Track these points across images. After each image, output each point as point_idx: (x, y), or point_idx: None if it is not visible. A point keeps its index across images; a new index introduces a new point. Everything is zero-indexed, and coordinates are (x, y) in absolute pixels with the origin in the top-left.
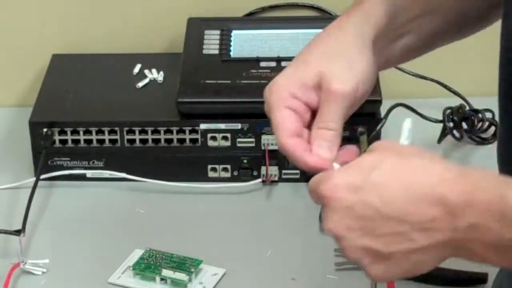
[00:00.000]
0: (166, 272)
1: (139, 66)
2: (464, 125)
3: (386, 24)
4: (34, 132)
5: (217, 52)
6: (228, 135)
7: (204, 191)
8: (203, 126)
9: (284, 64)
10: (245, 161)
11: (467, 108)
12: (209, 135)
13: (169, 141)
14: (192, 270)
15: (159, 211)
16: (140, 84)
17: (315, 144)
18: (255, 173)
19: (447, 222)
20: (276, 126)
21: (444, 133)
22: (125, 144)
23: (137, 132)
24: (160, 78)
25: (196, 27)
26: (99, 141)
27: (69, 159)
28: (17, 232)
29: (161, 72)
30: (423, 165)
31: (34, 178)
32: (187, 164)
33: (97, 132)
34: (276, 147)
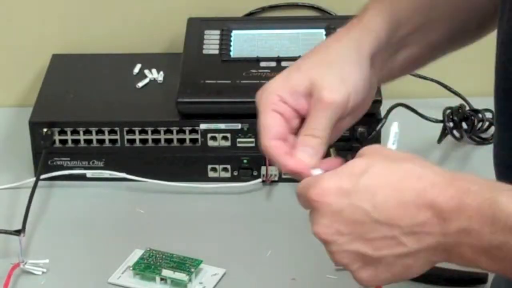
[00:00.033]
0: (166, 272)
1: (139, 66)
2: (464, 125)
3: (387, 39)
4: (34, 132)
5: (217, 52)
6: (228, 135)
7: (204, 191)
8: (203, 126)
9: (284, 64)
10: (245, 161)
11: (467, 108)
12: (209, 135)
13: (169, 141)
14: (192, 270)
15: (159, 211)
16: (140, 84)
17: (298, 149)
18: (255, 173)
19: (438, 226)
20: (261, 128)
21: (444, 133)
22: (125, 144)
23: (137, 132)
24: (160, 78)
25: (196, 27)
26: (99, 141)
27: (69, 159)
28: (17, 232)
29: (161, 72)
30: (413, 170)
31: (34, 178)
32: (187, 164)
33: (97, 132)
34: None
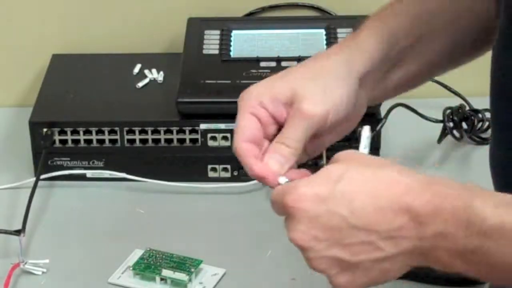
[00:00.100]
0: (166, 272)
1: (139, 66)
2: (464, 125)
3: (380, 59)
4: (34, 132)
5: (217, 52)
6: (228, 135)
7: (204, 191)
8: (203, 126)
9: (284, 64)
10: None
11: (467, 108)
12: (209, 135)
13: (169, 141)
14: (192, 270)
15: (159, 211)
16: (140, 84)
17: (268, 155)
18: None
19: (414, 231)
20: (236, 130)
21: (444, 133)
22: (125, 144)
23: (137, 132)
24: (160, 78)
25: (196, 27)
26: (99, 141)
27: (69, 159)
28: (17, 232)
29: (161, 72)
30: (389, 175)
31: (34, 178)
32: (187, 164)
33: (97, 132)
34: None
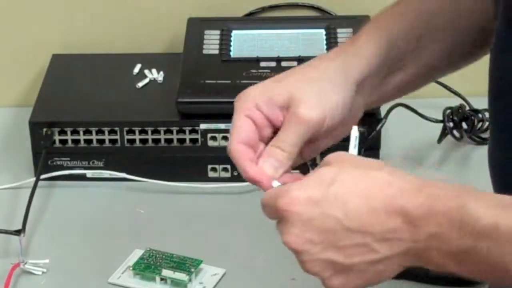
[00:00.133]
0: (166, 272)
1: (139, 66)
2: (464, 125)
3: (378, 64)
4: (34, 132)
5: (217, 52)
6: (228, 135)
7: (204, 191)
8: (203, 126)
9: (284, 64)
10: None
11: (467, 108)
12: (209, 135)
13: (169, 141)
14: (192, 270)
15: (159, 211)
16: (140, 84)
17: (262, 159)
18: None
19: (408, 233)
20: (232, 131)
21: (444, 133)
22: (125, 144)
23: (137, 132)
24: (160, 78)
25: (196, 27)
26: (99, 141)
27: (69, 159)
28: (17, 232)
29: (161, 72)
30: (382, 177)
31: (34, 178)
32: (187, 164)
33: (97, 132)
34: None
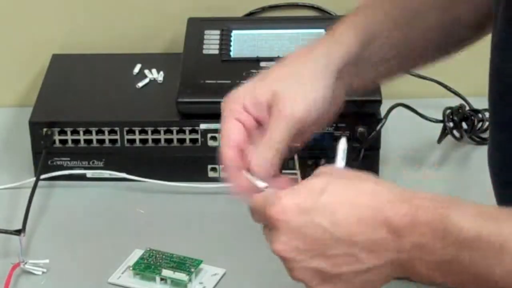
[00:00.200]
0: (166, 272)
1: (139, 66)
2: (464, 125)
3: (357, 53)
4: (34, 132)
5: (217, 52)
6: None
7: (204, 191)
8: (203, 126)
9: None
10: None
11: (467, 108)
12: (209, 135)
13: (169, 141)
14: (192, 270)
15: (159, 211)
16: (140, 84)
17: (252, 163)
18: None
19: (393, 243)
20: (223, 135)
21: (444, 133)
22: (125, 144)
23: (137, 132)
24: (160, 78)
25: (196, 27)
26: (99, 141)
27: (69, 159)
28: (17, 232)
29: (161, 72)
30: (368, 188)
31: (34, 178)
32: (187, 164)
33: (97, 132)
34: None
